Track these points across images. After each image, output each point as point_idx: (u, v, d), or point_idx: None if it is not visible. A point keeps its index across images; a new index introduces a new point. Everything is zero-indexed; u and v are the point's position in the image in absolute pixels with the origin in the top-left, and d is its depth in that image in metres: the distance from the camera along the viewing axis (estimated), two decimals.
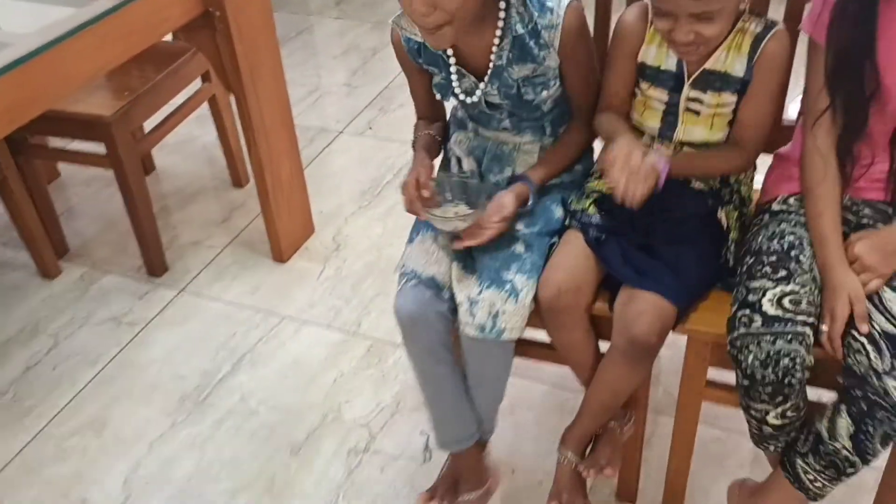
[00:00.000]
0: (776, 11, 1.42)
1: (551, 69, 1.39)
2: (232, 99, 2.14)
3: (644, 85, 1.40)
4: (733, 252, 1.37)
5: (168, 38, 2.13)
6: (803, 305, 1.19)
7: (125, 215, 2.19)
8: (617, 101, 1.43)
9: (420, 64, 1.47)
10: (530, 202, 1.42)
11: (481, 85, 1.42)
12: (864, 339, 1.16)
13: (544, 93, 1.41)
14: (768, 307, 1.18)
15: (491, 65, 1.39)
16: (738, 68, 1.31)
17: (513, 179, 1.47)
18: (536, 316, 1.38)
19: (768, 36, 1.29)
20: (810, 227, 1.28)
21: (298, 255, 2.31)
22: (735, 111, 1.36)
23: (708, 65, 1.32)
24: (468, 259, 1.43)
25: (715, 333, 1.29)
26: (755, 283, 1.22)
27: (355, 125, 2.88)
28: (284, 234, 2.26)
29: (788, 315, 1.17)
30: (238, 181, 2.57)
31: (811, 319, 1.18)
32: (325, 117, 2.93)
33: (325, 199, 2.50)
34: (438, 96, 1.50)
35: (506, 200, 1.38)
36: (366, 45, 3.38)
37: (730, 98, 1.34)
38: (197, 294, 2.21)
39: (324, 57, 3.36)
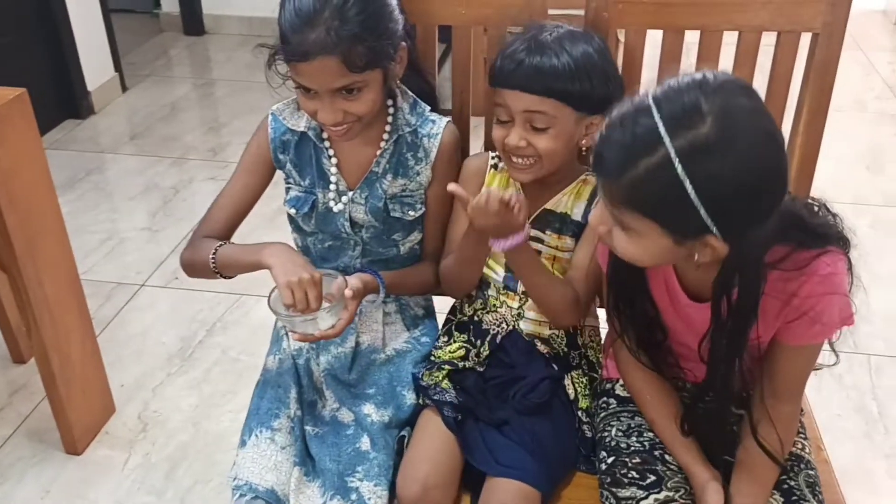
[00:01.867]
0: None
1: (421, 187, 1.35)
2: None
3: None
4: (587, 422, 1.30)
5: None
6: None
7: None
8: None
9: (279, 163, 1.34)
10: (381, 293, 1.33)
11: (350, 192, 1.32)
12: None
13: (411, 212, 1.33)
14: None
15: (368, 171, 1.31)
16: (577, 212, 1.31)
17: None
18: None
19: None
20: (652, 428, 1.21)
21: (97, 443, 1.98)
22: None
23: (548, 205, 1.31)
24: (309, 462, 1.24)
25: None
26: (625, 493, 1.13)
27: (160, 275, 2.60)
28: (78, 419, 1.94)
29: None
30: (19, 356, 2.21)
31: None
32: (123, 268, 2.63)
33: (126, 369, 2.19)
34: (293, 211, 1.35)
35: (353, 281, 1.24)
36: (166, 184, 3.12)
37: (570, 242, 1.32)
38: None
39: (119, 198, 3.07)
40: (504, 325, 1.36)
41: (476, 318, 1.38)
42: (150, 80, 4.01)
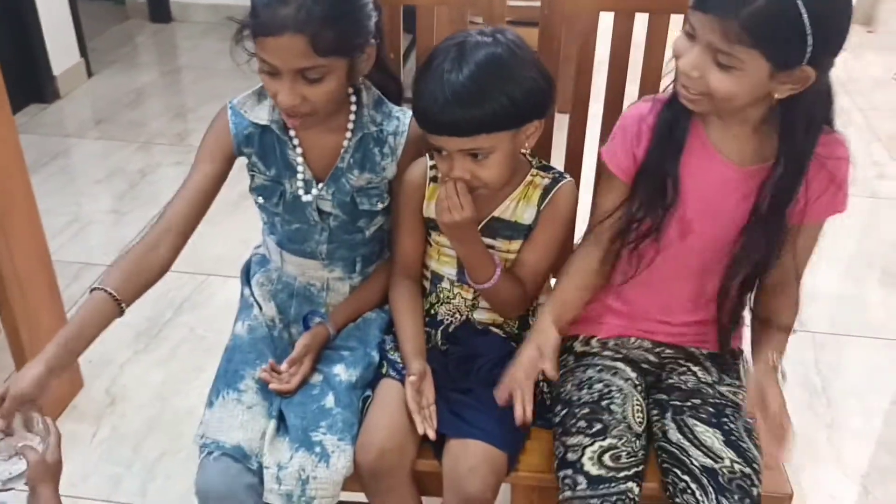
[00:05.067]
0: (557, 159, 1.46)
1: (386, 181, 1.36)
2: None
3: (435, 234, 1.38)
4: (548, 392, 1.35)
5: None
6: (623, 460, 1.17)
7: None
8: (409, 261, 1.40)
9: (242, 154, 1.35)
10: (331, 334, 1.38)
11: (319, 185, 1.34)
12: (687, 478, 1.16)
13: (380, 204, 1.36)
14: (590, 467, 1.16)
15: (334, 167, 1.33)
16: (526, 217, 1.33)
17: (309, 315, 1.41)
18: (354, 481, 1.25)
19: (556, 187, 1.32)
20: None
21: (66, 416, 2.01)
22: None
23: (497, 213, 1.33)
24: (281, 419, 1.30)
25: (539, 477, 1.25)
26: (572, 440, 1.20)
27: None
28: (47, 394, 1.96)
29: (611, 474, 1.15)
30: None
31: (633, 471, 1.17)
32: (89, 250, 2.66)
33: (94, 346, 2.14)
34: (261, 200, 1.37)
35: (297, 349, 1.34)
36: (132, 168, 3.14)
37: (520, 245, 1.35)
38: None
39: (84, 182, 3.08)
40: (458, 315, 1.40)
41: (432, 312, 1.41)
42: (115, 66, 4.01)
